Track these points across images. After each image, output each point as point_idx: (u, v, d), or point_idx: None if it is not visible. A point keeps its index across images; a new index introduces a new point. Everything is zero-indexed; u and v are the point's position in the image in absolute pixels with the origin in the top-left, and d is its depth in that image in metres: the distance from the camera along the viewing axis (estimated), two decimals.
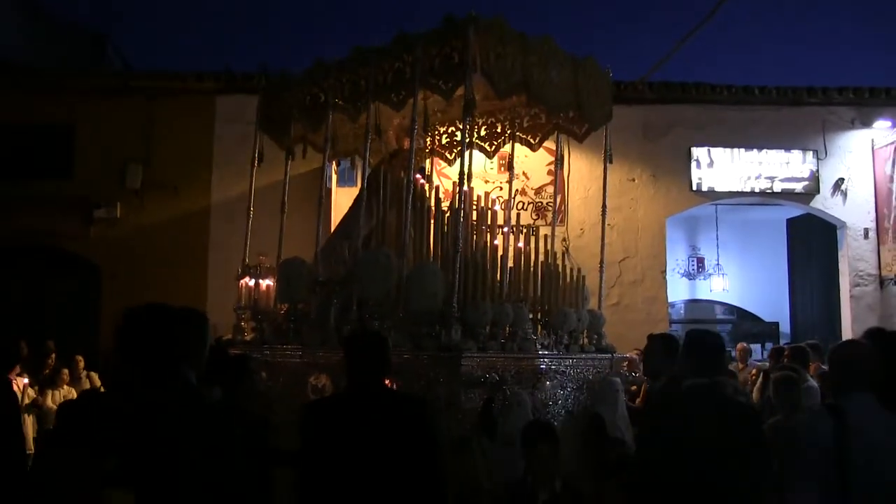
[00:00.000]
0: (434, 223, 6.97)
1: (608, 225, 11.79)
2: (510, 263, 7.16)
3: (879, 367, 3.38)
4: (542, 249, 7.32)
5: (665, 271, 12.38)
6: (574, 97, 7.04)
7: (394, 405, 3.78)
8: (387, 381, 5.71)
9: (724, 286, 16.64)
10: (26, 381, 9.03)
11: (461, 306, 5.79)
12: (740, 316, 17.77)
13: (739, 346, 11.45)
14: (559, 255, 7.72)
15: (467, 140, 8.79)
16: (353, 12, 38.52)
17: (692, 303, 17.95)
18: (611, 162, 8.25)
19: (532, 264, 7.19)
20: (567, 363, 6.59)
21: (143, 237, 11.85)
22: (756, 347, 15.37)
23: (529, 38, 6.44)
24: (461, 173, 6.17)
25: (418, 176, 8.11)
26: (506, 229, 7.50)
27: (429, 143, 9.00)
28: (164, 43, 36.43)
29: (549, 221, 11.11)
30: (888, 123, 12.40)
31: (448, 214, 6.93)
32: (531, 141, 8.67)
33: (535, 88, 6.44)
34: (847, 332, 12.04)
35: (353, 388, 3.79)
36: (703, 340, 3.70)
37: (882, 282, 12.42)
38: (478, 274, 6.26)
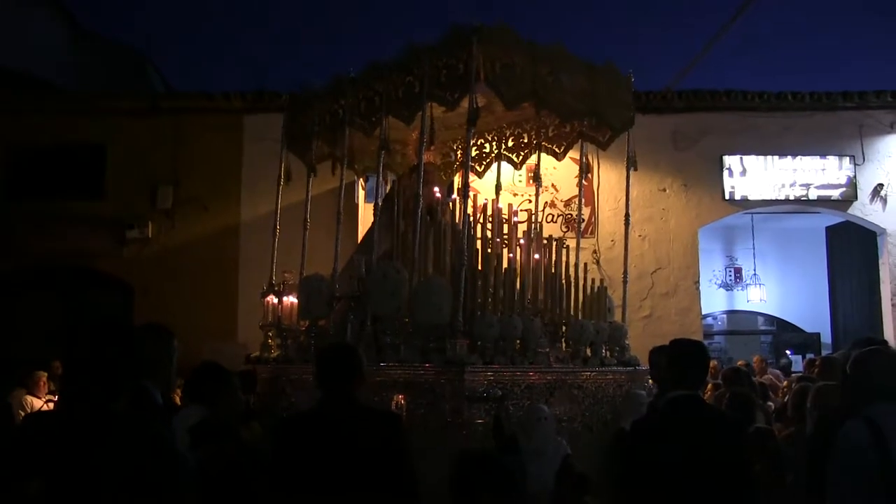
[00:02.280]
0: (444, 237, 6.92)
1: (640, 236, 11.83)
2: (530, 276, 7.09)
3: None
4: (565, 261, 7.24)
5: (698, 282, 12.15)
6: (589, 104, 6.95)
7: (365, 419, 3.73)
8: (400, 398, 5.73)
9: (761, 296, 16.34)
10: (42, 399, 9.12)
11: (468, 319, 5.72)
12: (780, 326, 17.42)
13: (756, 357, 11.25)
14: (582, 267, 7.61)
15: (493, 152, 8.89)
16: (390, 26, 38.78)
17: (732, 314, 17.66)
18: (635, 169, 8.13)
19: (549, 276, 7.10)
20: (584, 377, 6.47)
21: (175, 256, 11.96)
22: (797, 359, 15.09)
23: (539, 45, 6.38)
24: (464, 185, 6.17)
25: (436, 189, 8.10)
26: (523, 241, 7.40)
27: (460, 156, 8.98)
28: (203, 62, 37.08)
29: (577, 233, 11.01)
30: None
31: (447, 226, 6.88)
32: (556, 150, 8.61)
33: (545, 97, 6.37)
34: (890, 341, 11.67)
35: (324, 402, 3.76)
36: (686, 351, 3.60)
37: None
38: (487, 287, 6.18)
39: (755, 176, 12.23)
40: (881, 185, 12.20)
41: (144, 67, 17.97)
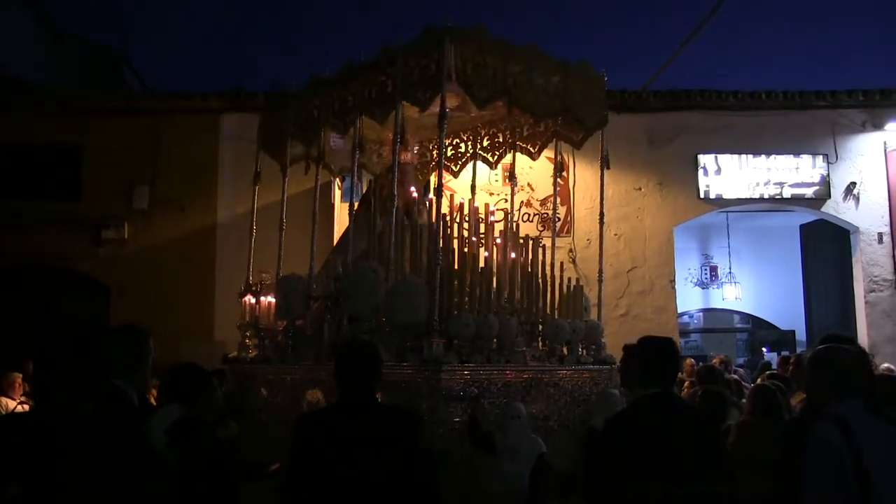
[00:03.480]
0: (420, 237, 6.94)
1: (615, 235, 11.90)
2: (507, 275, 7.12)
3: (867, 373, 3.32)
4: (541, 260, 7.27)
5: (674, 281, 12.24)
6: (562, 103, 6.99)
7: (386, 418, 3.73)
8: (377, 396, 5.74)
9: (736, 295, 16.47)
10: (17, 401, 9.04)
11: (444, 319, 5.74)
12: (756, 324, 17.57)
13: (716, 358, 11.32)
14: (558, 266, 7.65)
15: (468, 152, 8.92)
16: (370, 26, 38.72)
17: (708, 312, 17.79)
18: (608, 167, 8.18)
19: (525, 275, 7.14)
20: (560, 375, 6.51)
21: (151, 256, 11.90)
22: (773, 356, 15.22)
23: (512, 45, 6.41)
24: (438, 185, 6.19)
25: (412, 189, 8.12)
26: (499, 241, 7.43)
27: (435, 156, 9.00)
28: (180, 62, 36.88)
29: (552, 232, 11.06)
30: None
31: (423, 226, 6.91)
32: (531, 150, 8.64)
33: (517, 96, 6.40)
34: (863, 339, 11.82)
35: (344, 400, 3.73)
36: (654, 348, 3.62)
37: None
38: (463, 286, 6.21)
39: (730, 174, 12.34)
40: (854, 184, 12.34)
41: (121, 67, 17.86)
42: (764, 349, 16.77)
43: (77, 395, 2.41)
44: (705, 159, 12.33)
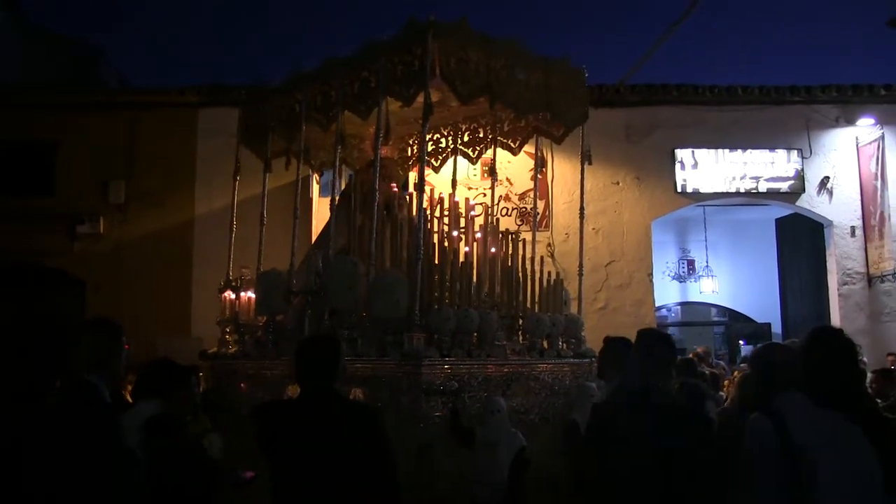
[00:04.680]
0: (400, 231, 6.96)
1: (594, 229, 11.95)
2: (487, 269, 7.15)
3: (802, 367, 3.37)
4: (521, 255, 7.30)
5: (651, 274, 12.32)
6: (544, 98, 7.01)
7: (344, 411, 3.72)
8: (358, 392, 5.75)
9: (713, 288, 16.60)
10: None
11: (425, 313, 5.75)
12: (732, 317, 17.72)
13: (700, 349, 11.46)
14: (538, 260, 7.68)
15: (449, 147, 8.93)
16: (350, 21, 38.58)
17: (686, 305, 17.92)
18: (589, 163, 8.23)
19: (506, 270, 7.16)
20: (540, 369, 6.54)
21: (128, 252, 11.81)
22: (749, 349, 15.31)
23: (495, 40, 6.43)
24: (420, 179, 6.19)
25: (393, 184, 8.13)
26: (479, 235, 7.45)
27: (415, 150, 8.99)
28: (159, 57, 36.60)
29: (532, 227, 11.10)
30: (872, 121, 12.34)
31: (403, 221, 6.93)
32: (511, 145, 8.67)
33: (500, 91, 6.42)
34: None
35: (304, 394, 3.73)
36: (649, 342, 3.65)
37: (870, 280, 12.36)
38: (444, 280, 6.23)
39: (706, 169, 12.44)
40: (827, 178, 12.48)
41: (98, 62, 17.66)
42: (741, 342, 16.90)
43: (35, 390, 2.40)
44: (682, 153, 12.41)
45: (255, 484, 4.16)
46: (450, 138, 8.81)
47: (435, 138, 8.92)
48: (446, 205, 7.65)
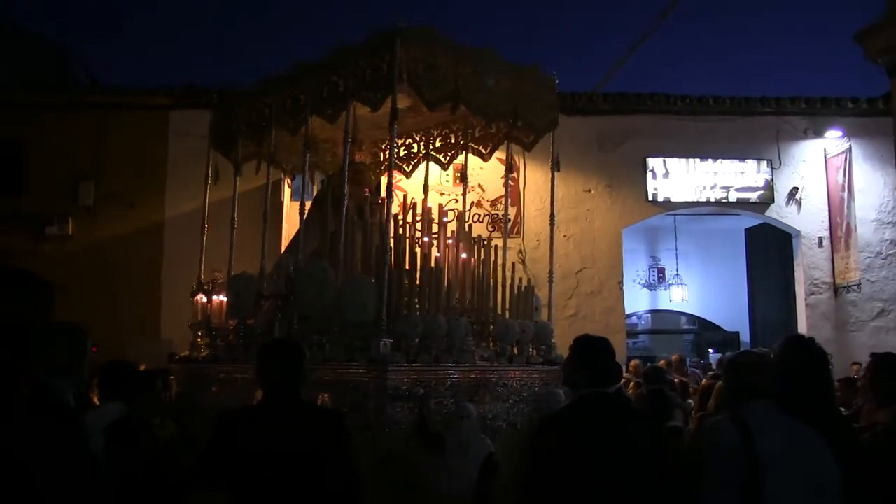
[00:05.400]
0: (371, 236, 6.95)
1: (565, 236, 12.00)
2: (457, 275, 7.15)
3: (774, 376, 3.40)
4: (492, 261, 7.31)
5: (622, 282, 12.40)
6: (513, 105, 7.03)
7: (308, 417, 3.71)
8: (325, 396, 5.74)
9: (683, 296, 16.73)
10: None
11: (393, 318, 5.75)
12: (702, 326, 17.87)
13: (675, 356, 11.51)
14: (509, 267, 7.69)
15: (421, 152, 8.91)
16: (324, 24, 38.53)
17: (656, 313, 18.03)
18: (558, 170, 8.25)
19: (476, 276, 7.18)
20: (508, 375, 6.54)
21: (96, 253, 11.71)
22: (717, 358, 15.44)
23: (464, 47, 6.44)
24: (388, 184, 6.22)
25: (365, 189, 8.12)
26: (450, 241, 7.45)
27: (388, 155, 8.97)
28: (131, 57, 36.37)
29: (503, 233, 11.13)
30: (839, 133, 12.52)
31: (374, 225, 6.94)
32: (483, 151, 8.68)
33: (468, 97, 6.43)
34: None
35: (266, 399, 3.71)
36: (592, 346, 3.67)
37: (836, 290, 12.52)
38: (413, 285, 6.23)
39: (677, 178, 12.54)
40: (796, 189, 12.63)
41: (68, 62, 17.50)
42: (710, 350, 17.04)
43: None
44: (654, 162, 12.52)
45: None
46: (422, 144, 8.80)
47: (407, 143, 8.90)
48: (418, 210, 7.63)
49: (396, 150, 8.97)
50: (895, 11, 6.98)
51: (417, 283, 6.48)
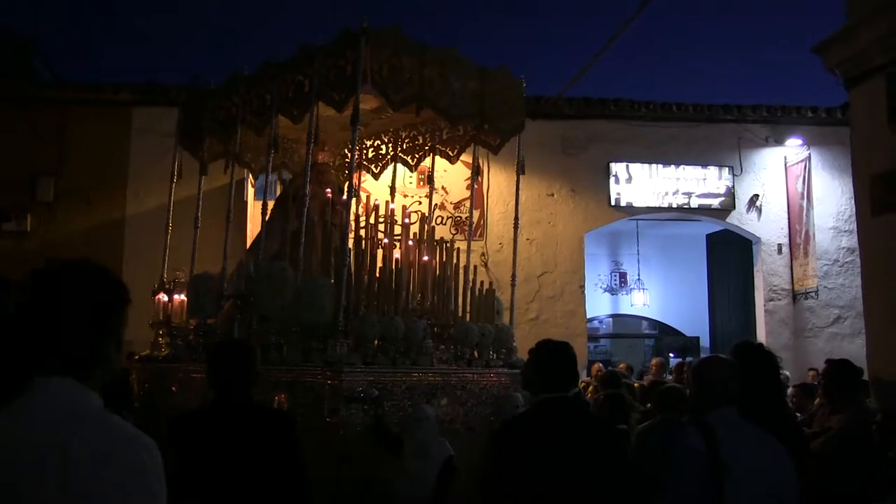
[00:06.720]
0: (331, 237, 6.93)
1: (528, 240, 12.04)
2: (418, 276, 7.15)
3: (740, 382, 3.44)
4: (454, 263, 7.30)
5: (584, 286, 12.47)
6: (479, 108, 7.03)
7: (259, 418, 3.70)
8: (282, 397, 5.71)
9: (644, 301, 16.86)
10: None
11: (349, 319, 5.74)
12: (662, 330, 18.01)
13: (654, 360, 11.59)
14: (472, 269, 7.69)
15: (389, 154, 8.89)
16: (291, 23, 38.32)
17: (617, 318, 18.15)
18: (523, 173, 8.25)
19: (437, 278, 7.17)
20: (467, 378, 6.54)
21: (55, 250, 11.50)
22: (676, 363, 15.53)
23: (429, 48, 6.43)
24: (349, 186, 6.20)
25: (328, 190, 8.08)
26: (411, 243, 7.44)
27: (357, 156, 8.94)
28: (94, 52, 35.94)
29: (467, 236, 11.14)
30: (799, 142, 12.71)
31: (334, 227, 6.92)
32: (450, 153, 8.67)
33: (433, 99, 6.42)
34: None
35: (217, 401, 3.70)
36: (552, 351, 3.70)
37: (794, 296, 12.69)
38: (371, 287, 6.22)
39: (640, 183, 12.65)
40: (756, 196, 12.80)
41: (29, 55, 17.22)
42: (671, 355, 17.15)
43: None
44: (617, 167, 12.61)
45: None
46: (390, 145, 8.79)
47: (375, 145, 8.89)
48: (382, 211, 7.62)
49: (365, 151, 8.97)
50: (854, 24, 7.09)
51: (376, 284, 6.46)
